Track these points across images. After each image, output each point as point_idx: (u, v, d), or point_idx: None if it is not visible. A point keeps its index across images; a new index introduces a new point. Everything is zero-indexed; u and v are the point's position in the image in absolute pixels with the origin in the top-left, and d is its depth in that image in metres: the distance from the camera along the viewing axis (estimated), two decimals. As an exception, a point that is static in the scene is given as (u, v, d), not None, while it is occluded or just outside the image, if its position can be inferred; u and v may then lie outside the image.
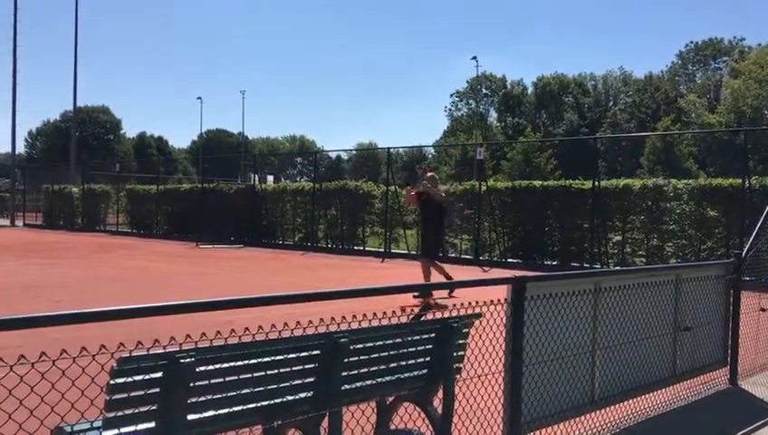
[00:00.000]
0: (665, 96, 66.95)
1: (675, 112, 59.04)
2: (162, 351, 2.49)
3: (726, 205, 14.40)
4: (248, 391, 2.77)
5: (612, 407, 4.80)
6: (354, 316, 3.15)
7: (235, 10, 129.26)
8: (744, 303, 6.24)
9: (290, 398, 2.93)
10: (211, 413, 2.68)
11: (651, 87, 69.57)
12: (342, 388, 3.08)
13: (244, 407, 2.78)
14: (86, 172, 36.18)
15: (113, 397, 2.41)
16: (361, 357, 3.16)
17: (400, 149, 71.95)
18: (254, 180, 26.32)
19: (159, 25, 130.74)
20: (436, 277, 10.79)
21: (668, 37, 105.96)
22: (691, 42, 74.32)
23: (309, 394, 3.00)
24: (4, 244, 21.89)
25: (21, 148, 74.38)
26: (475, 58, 68.11)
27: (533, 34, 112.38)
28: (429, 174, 11.87)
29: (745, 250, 6.46)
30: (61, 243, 23.01)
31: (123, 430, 2.44)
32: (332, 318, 3.09)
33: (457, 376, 3.61)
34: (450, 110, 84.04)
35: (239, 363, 2.72)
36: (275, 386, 2.86)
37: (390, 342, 3.29)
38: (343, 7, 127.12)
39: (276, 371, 2.84)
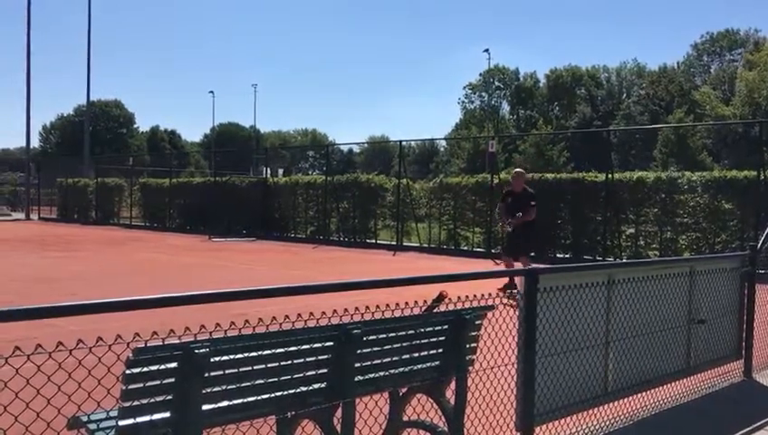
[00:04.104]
0: (679, 88, 66.37)
1: (688, 104, 58.50)
2: (177, 341, 2.51)
3: (741, 197, 14.28)
4: (262, 381, 2.79)
5: (625, 399, 4.79)
6: (367, 308, 3.16)
7: (246, 4, 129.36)
8: (758, 295, 6.20)
9: (303, 389, 2.94)
10: (225, 403, 2.70)
11: (665, 79, 68.97)
12: (355, 379, 3.10)
13: (259, 397, 2.80)
14: (99, 166, 36.39)
15: (129, 387, 2.43)
16: (374, 348, 3.17)
17: (412, 142, 71.64)
18: (267, 174, 26.39)
19: (172, 20, 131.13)
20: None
21: (683, 29, 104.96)
22: (707, 33, 73.57)
23: (322, 385, 3.02)
24: (19, 237, 22.08)
25: (35, 142, 74.99)
26: (487, 50, 67.90)
27: (546, 26, 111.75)
28: (517, 171, 11.94)
29: (760, 242, 6.42)
30: (75, 236, 23.18)
31: (139, 419, 2.47)
32: (345, 309, 3.11)
33: (470, 368, 3.61)
34: (463, 102, 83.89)
35: (253, 354, 2.74)
36: (289, 377, 2.88)
37: (403, 333, 3.30)
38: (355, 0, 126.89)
39: (290, 362, 2.86)
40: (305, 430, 3.16)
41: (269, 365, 2.80)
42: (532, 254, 16.32)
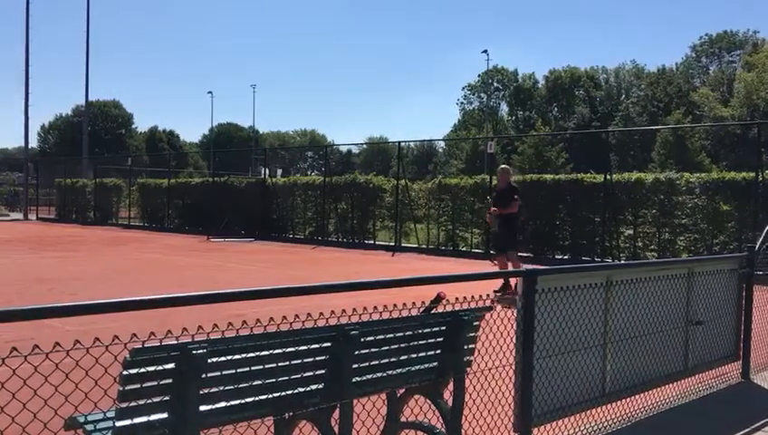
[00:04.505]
0: (677, 89, 66.46)
1: (686, 105, 58.57)
2: (175, 342, 2.50)
3: (739, 199, 14.30)
4: (260, 382, 2.79)
5: (623, 401, 4.79)
6: (365, 308, 3.15)
7: (247, 4, 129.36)
8: (756, 297, 6.21)
9: (301, 390, 2.94)
10: (223, 404, 2.69)
11: (664, 80, 69.07)
12: (353, 380, 3.09)
13: (256, 398, 2.80)
14: (98, 166, 36.36)
15: (126, 388, 2.43)
16: (372, 349, 3.17)
17: (411, 143, 71.74)
18: (265, 174, 26.38)
19: (170, 20, 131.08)
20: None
21: (682, 30, 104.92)
22: (705, 34, 73.69)
23: (320, 386, 3.01)
24: (18, 237, 22.06)
25: (33, 142, 74.85)
26: (485, 51, 67.88)
27: (546, 27, 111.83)
28: (502, 168, 11.81)
29: (758, 244, 6.42)
30: (74, 236, 23.16)
31: (136, 420, 2.47)
32: (343, 310, 3.10)
33: (468, 369, 3.61)
34: (462, 103, 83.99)
35: (251, 355, 2.74)
36: (287, 378, 2.88)
37: (401, 334, 3.30)
38: (354, 0, 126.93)
39: (288, 363, 2.86)
40: (303, 432, 3.15)
41: (266, 366, 2.79)
42: (529, 254, 16.33)
